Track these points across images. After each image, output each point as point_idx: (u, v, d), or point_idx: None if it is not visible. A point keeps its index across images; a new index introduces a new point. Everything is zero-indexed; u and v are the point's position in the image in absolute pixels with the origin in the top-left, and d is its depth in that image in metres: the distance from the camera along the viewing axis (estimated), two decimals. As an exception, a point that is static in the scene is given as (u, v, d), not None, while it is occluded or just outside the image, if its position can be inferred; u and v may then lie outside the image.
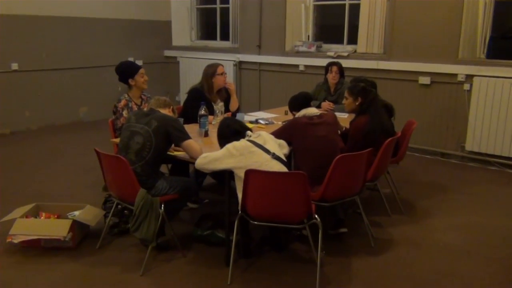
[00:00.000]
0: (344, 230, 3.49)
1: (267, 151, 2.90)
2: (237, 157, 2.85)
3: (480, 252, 3.35)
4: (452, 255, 3.31)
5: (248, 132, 3.05)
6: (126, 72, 3.95)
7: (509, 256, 3.31)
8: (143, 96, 4.05)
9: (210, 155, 2.94)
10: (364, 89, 3.73)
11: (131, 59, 7.60)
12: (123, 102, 3.89)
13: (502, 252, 3.37)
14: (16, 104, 6.72)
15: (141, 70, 3.96)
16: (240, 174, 2.80)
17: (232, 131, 3.01)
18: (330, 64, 5.00)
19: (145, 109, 4.00)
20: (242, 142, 2.91)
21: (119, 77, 3.98)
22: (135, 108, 3.93)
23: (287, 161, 3.06)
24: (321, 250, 2.92)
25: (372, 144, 3.48)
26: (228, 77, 5.44)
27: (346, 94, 3.80)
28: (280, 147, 3.10)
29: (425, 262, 3.21)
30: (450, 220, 3.91)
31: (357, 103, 3.71)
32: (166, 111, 3.28)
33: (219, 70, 4.32)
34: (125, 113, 3.86)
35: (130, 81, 3.94)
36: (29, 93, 6.84)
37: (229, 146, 2.90)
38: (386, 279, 2.99)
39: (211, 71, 4.31)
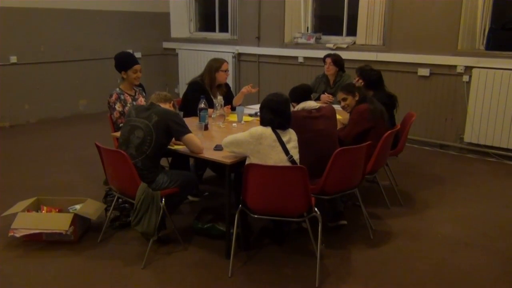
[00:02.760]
0: (343, 222, 3.52)
1: (286, 151, 2.87)
2: (254, 145, 2.84)
3: (478, 244, 3.38)
4: (451, 247, 3.34)
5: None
6: (121, 63, 3.98)
7: (508, 247, 3.34)
8: (135, 88, 4.06)
9: (233, 136, 2.96)
10: (354, 84, 3.89)
11: (130, 51, 7.58)
12: (114, 97, 3.92)
13: (500, 243, 3.40)
14: (16, 97, 6.71)
15: (136, 67, 3.96)
16: (253, 162, 2.83)
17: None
18: (326, 56, 5.02)
19: (140, 99, 4.03)
20: (268, 131, 2.87)
21: (115, 65, 4.01)
22: (128, 99, 3.96)
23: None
24: (320, 243, 2.94)
25: (373, 130, 3.54)
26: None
27: (344, 96, 3.79)
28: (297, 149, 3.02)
29: (424, 254, 3.24)
30: (448, 211, 3.94)
31: (356, 99, 3.76)
32: (166, 106, 3.28)
33: (224, 67, 4.31)
34: (117, 106, 3.89)
35: (122, 73, 3.97)
36: (28, 86, 6.83)
37: (252, 130, 2.88)
38: (385, 270, 3.02)
39: (216, 66, 4.30)
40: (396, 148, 4.03)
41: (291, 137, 2.94)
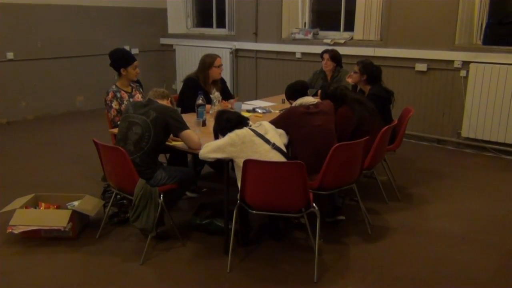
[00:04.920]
0: (341, 217, 3.53)
1: (267, 141, 2.91)
2: (238, 145, 2.86)
3: (476, 238, 3.40)
4: (448, 241, 3.35)
5: (250, 122, 3.06)
6: (120, 60, 3.92)
7: (505, 241, 3.36)
8: (132, 84, 4.04)
9: (213, 144, 2.95)
10: (332, 93, 3.70)
11: (127, 47, 7.57)
12: (110, 95, 3.88)
13: (497, 237, 3.41)
14: (12, 94, 6.69)
15: (136, 63, 3.94)
16: (240, 163, 2.81)
17: (232, 124, 2.98)
18: (323, 52, 5.02)
19: (136, 95, 4.01)
20: (244, 130, 2.93)
21: (111, 63, 3.94)
22: (125, 96, 3.93)
23: (286, 151, 3.08)
24: (319, 238, 2.95)
25: (365, 128, 3.52)
26: (224, 66, 5.40)
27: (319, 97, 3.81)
28: (281, 137, 3.11)
29: (422, 248, 3.25)
30: (446, 206, 3.95)
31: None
32: (164, 102, 3.29)
33: (217, 62, 4.29)
34: (114, 104, 3.86)
35: (122, 70, 3.91)
36: (25, 82, 6.81)
37: (231, 134, 2.91)
38: (383, 265, 3.04)
39: (208, 62, 4.28)
40: (393, 144, 4.04)
41: (266, 129, 3.00)
